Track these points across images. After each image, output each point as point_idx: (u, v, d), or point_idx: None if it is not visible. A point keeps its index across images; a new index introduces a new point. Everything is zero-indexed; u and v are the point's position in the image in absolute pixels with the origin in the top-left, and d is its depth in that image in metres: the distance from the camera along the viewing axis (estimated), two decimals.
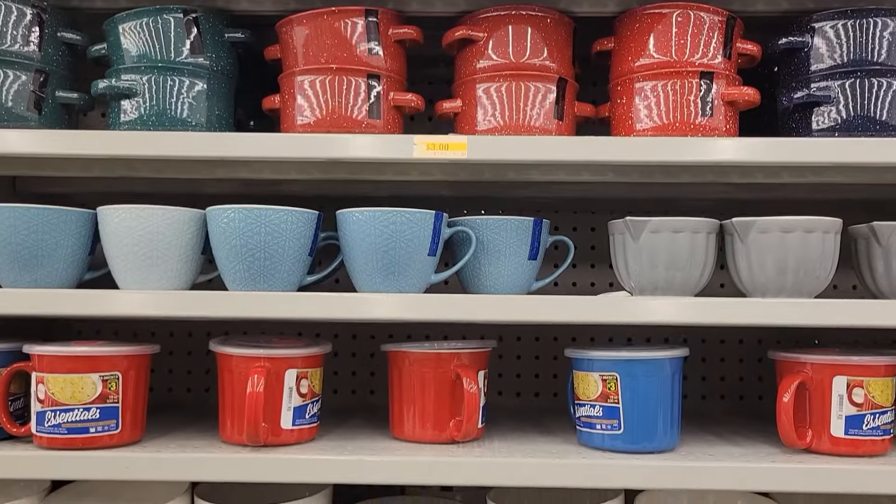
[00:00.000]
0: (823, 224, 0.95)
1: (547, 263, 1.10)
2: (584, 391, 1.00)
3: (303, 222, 0.96)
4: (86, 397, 0.94)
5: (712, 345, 1.36)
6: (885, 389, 0.97)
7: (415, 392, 1.01)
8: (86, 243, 1.00)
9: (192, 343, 1.37)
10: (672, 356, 0.97)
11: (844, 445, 0.96)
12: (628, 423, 0.96)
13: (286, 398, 0.98)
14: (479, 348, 1.02)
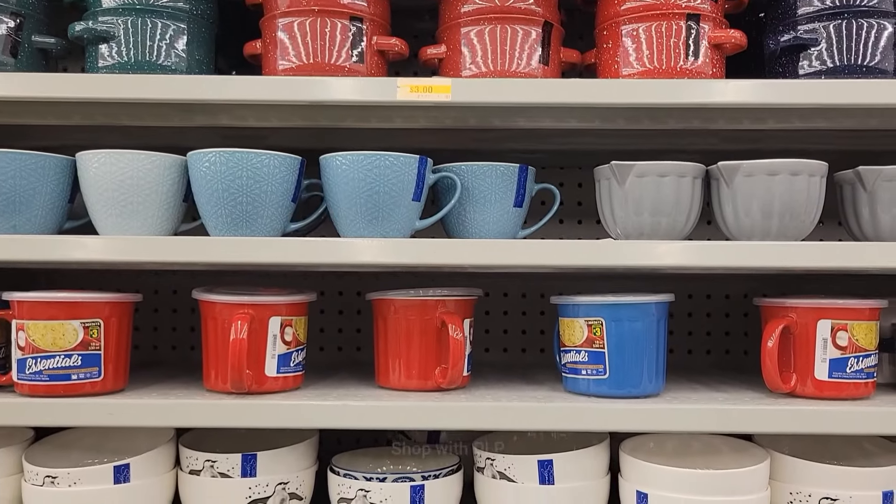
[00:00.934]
0: (809, 167, 0.94)
1: (534, 217, 1.09)
2: (569, 337, 1.00)
3: (285, 167, 0.95)
4: (67, 344, 0.93)
5: (698, 299, 1.37)
6: (868, 333, 0.97)
7: (400, 340, 1.00)
8: (65, 190, 0.99)
9: (177, 300, 1.36)
10: (657, 301, 0.97)
11: (828, 389, 0.96)
12: (613, 367, 0.96)
13: (270, 345, 0.98)
14: (464, 296, 1.02)
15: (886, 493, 0.94)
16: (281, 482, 0.99)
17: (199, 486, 0.98)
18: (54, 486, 0.93)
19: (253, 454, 0.98)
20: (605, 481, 1.00)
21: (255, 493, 0.97)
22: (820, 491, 0.94)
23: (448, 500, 1.00)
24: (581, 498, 0.97)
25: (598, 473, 0.99)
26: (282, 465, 0.99)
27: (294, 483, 1.00)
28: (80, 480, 0.93)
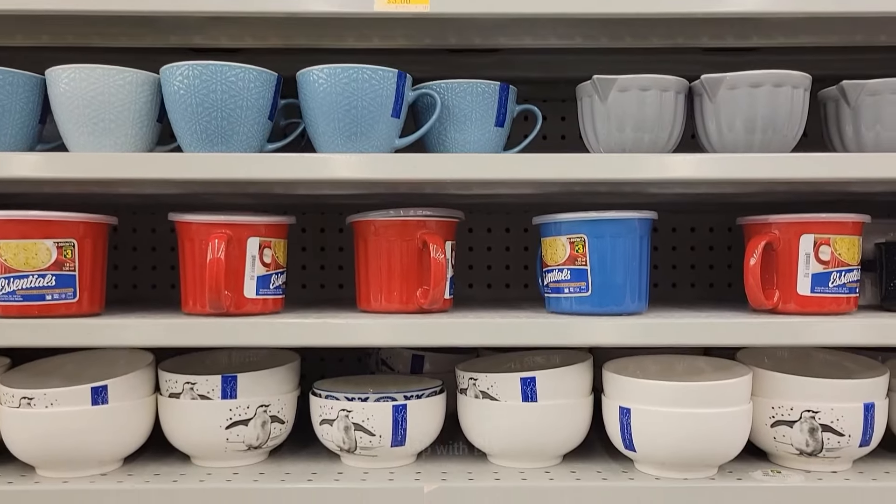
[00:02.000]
0: (792, 78, 0.93)
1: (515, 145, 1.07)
2: (551, 256, 0.99)
3: (261, 81, 0.93)
4: (40, 263, 0.91)
5: (682, 233, 1.36)
6: (851, 248, 0.97)
7: (381, 262, 0.99)
8: (35, 110, 0.97)
9: (156, 239, 1.34)
10: (640, 217, 0.96)
11: (811, 304, 0.96)
12: (596, 284, 0.96)
13: (249, 267, 0.96)
14: (446, 217, 1.00)
15: (867, 405, 0.94)
16: (262, 404, 0.98)
17: (180, 409, 0.97)
18: (31, 408, 0.92)
19: (233, 375, 0.97)
20: (588, 401, 1.00)
21: (236, 414, 0.96)
22: (802, 404, 0.95)
23: (431, 421, 0.99)
24: (564, 415, 0.97)
25: (581, 392, 0.99)
26: (262, 387, 0.98)
27: (275, 406, 0.99)
28: (57, 401, 0.92)
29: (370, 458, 0.98)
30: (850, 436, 0.94)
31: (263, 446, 1.00)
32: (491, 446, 1.00)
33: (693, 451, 0.92)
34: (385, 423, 0.96)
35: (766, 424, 0.97)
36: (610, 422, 0.97)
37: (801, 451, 0.96)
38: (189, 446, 0.99)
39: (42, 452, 0.93)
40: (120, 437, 0.95)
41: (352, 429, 0.96)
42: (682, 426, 0.91)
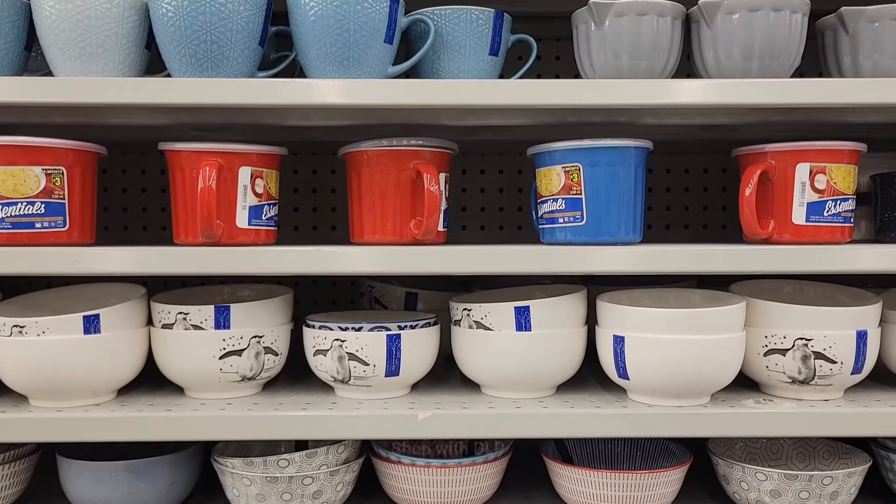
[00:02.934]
0: (791, 3, 0.92)
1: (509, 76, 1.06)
2: (546, 187, 0.98)
3: (251, 4, 0.91)
4: (29, 190, 0.90)
5: (676, 174, 1.36)
6: (846, 176, 0.96)
7: (374, 193, 0.98)
8: (20, 35, 0.95)
9: (147, 179, 1.33)
10: (636, 145, 0.95)
11: (805, 233, 0.96)
12: (591, 214, 0.95)
13: (241, 196, 0.95)
14: (440, 147, 0.99)
15: (860, 333, 0.95)
16: (255, 335, 0.98)
17: (173, 340, 0.97)
18: (23, 336, 0.91)
19: (226, 305, 0.96)
20: (582, 332, 1.00)
21: (230, 345, 0.96)
22: (795, 332, 0.95)
23: (425, 352, 0.99)
24: (558, 345, 0.97)
25: (575, 322, 0.99)
26: (255, 318, 0.98)
27: (269, 338, 0.99)
28: (48, 330, 0.91)
29: (364, 388, 0.98)
30: (842, 363, 0.94)
31: (257, 378, 0.99)
32: (485, 377, 1.00)
33: (686, 378, 0.92)
34: (379, 353, 0.96)
35: (759, 354, 0.97)
36: (604, 352, 0.98)
37: (793, 379, 0.96)
38: (183, 377, 0.99)
39: (34, 381, 0.92)
40: (113, 368, 0.95)
41: (346, 359, 0.96)
42: (675, 353, 0.91)
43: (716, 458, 1.01)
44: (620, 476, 0.94)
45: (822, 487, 0.94)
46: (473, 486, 0.98)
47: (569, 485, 0.98)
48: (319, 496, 0.95)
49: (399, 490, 0.99)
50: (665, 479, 0.96)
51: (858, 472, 0.95)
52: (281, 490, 0.93)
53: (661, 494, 0.96)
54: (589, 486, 0.96)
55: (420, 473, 0.97)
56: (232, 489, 0.96)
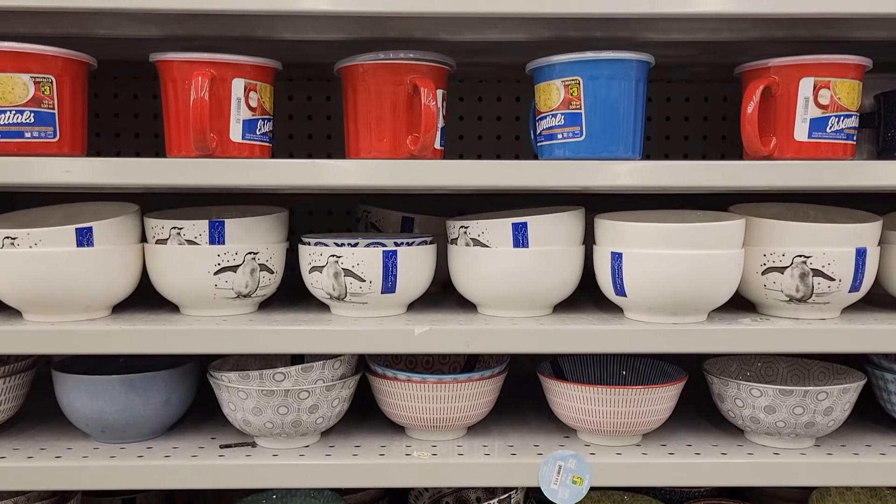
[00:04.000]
0: None
1: None
2: (545, 102, 0.96)
3: None
4: (17, 99, 0.88)
5: (676, 103, 1.34)
6: (851, 92, 0.95)
7: (370, 108, 0.96)
8: None
9: (138, 86, 1.31)
10: (637, 59, 0.93)
11: (808, 150, 0.95)
12: (590, 129, 0.93)
13: (234, 109, 0.93)
14: (437, 62, 0.97)
15: (860, 250, 0.94)
16: (250, 251, 0.97)
17: (167, 255, 0.96)
18: (15, 248, 0.90)
19: (220, 220, 0.95)
20: (580, 250, 0.99)
21: (224, 260, 0.95)
22: (794, 250, 0.94)
23: (421, 270, 0.99)
24: (555, 262, 0.96)
25: (572, 240, 0.98)
26: (250, 235, 0.97)
27: (264, 255, 0.98)
28: (41, 241, 0.90)
29: (360, 306, 0.98)
30: (840, 280, 0.94)
31: (253, 295, 0.99)
32: (482, 296, 1.00)
33: (683, 295, 0.92)
34: (375, 269, 0.95)
35: (757, 273, 0.97)
36: (601, 270, 0.97)
37: (790, 297, 0.96)
38: (177, 294, 0.98)
39: (27, 294, 0.92)
40: (106, 282, 0.94)
41: (342, 275, 0.96)
42: (672, 268, 0.91)
43: (711, 376, 1.01)
44: (616, 392, 0.95)
45: (816, 403, 0.94)
46: (469, 404, 0.99)
47: (564, 402, 0.99)
48: (315, 410, 0.95)
49: (395, 407, 1.00)
50: (660, 395, 0.96)
51: (853, 389, 0.96)
52: (277, 404, 0.93)
53: (655, 411, 0.97)
54: (584, 403, 0.96)
55: (416, 389, 0.97)
56: (228, 404, 0.96)
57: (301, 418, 0.95)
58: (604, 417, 0.96)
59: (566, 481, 0.95)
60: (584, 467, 0.95)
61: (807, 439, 0.99)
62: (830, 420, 0.96)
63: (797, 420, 0.95)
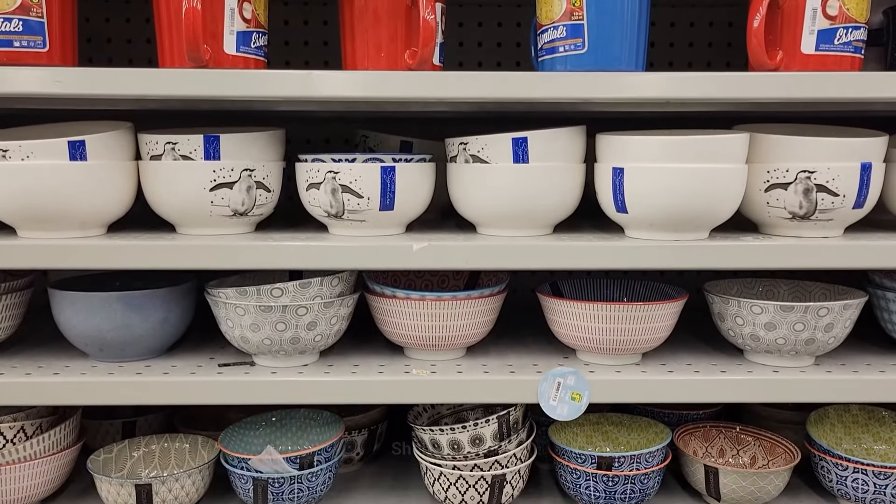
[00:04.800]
0: None
1: None
2: (546, 14, 0.94)
3: None
4: (5, 6, 0.86)
5: (681, 28, 1.31)
6: (860, 2, 0.92)
7: (367, 20, 0.93)
8: None
9: (132, 29, 1.28)
10: None
11: (814, 62, 0.93)
12: (592, 40, 0.91)
13: (228, 20, 0.91)
14: None
15: (864, 165, 0.93)
16: (246, 168, 0.95)
17: (162, 171, 0.94)
18: (6, 161, 0.89)
19: (215, 135, 0.94)
20: (580, 168, 0.98)
21: (220, 176, 0.94)
22: (798, 165, 0.93)
23: (420, 188, 0.97)
24: (555, 178, 0.95)
25: (573, 157, 0.96)
26: (246, 151, 0.96)
27: (260, 172, 0.97)
28: (33, 154, 0.89)
29: (358, 224, 0.96)
30: (844, 196, 0.93)
31: (249, 214, 0.98)
32: (481, 214, 0.98)
33: (685, 210, 0.91)
34: (373, 185, 0.94)
35: (760, 190, 0.96)
36: (602, 187, 0.96)
37: (793, 214, 0.95)
38: (173, 212, 0.97)
39: (20, 209, 0.91)
40: (100, 198, 0.93)
41: (339, 191, 0.94)
42: (675, 182, 0.89)
43: (711, 296, 1.01)
44: (616, 308, 0.94)
45: (817, 319, 0.94)
46: (468, 322, 0.98)
47: (564, 320, 0.98)
48: (314, 328, 0.95)
49: (394, 326, 0.99)
50: (660, 312, 0.96)
51: (854, 306, 0.95)
52: (275, 320, 0.93)
53: (655, 328, 0.96)
54: (584, 320, 0.96)
55: (415, 307, 0.96)
56: (226, 321, 0.96)
57: (299, 335, 0.94)
58: (603, 335, 0.96)
59: (565, 398, 0.95)
60: (584, 384, 0.95)
61: (806, 357, 0.99)
62: (831, 337, 0.96)
63: (797, 337, 0.95)
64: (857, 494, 0.99)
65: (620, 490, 0.97)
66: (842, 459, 0.99)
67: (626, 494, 0.98)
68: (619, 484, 0.97)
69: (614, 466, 0.97)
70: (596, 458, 0.98)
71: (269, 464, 0.96)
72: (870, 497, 0.99)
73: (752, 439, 1.11)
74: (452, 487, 0.98)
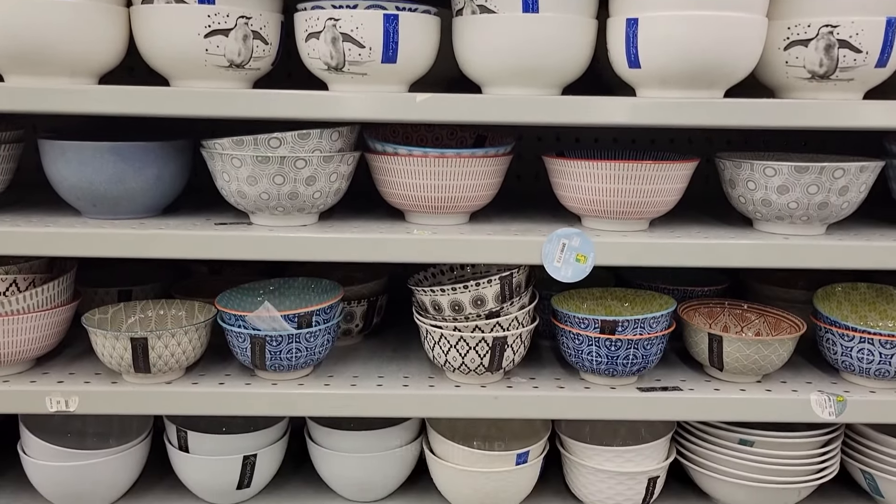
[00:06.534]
0: None
1: None
2: None
3: None
4: None
5: None
6: None
7: None
8: None
9: None
10: None
11: None
12: None
13: None
14: None
15: (890, 20, 0.88)
16: (243, 15, 0.91)
17: (155, 16, 0.90)
18: None
19: None
20: (592, 23, 0.93)
21: (215, 22, 0.89)
22: (820, 19, 0.89)
23: (424, 42, 0.93)
24: (566, 31, 0.90)
25: (584, 10, 0.92)
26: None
27: (257, 21, 0.92)
28: None
29: (360, 77, 0.92)
30: (867, 53, 0.89)
31: (246, 66, 0.94)
32: (487, 71, 0.94)
33: (701, 61, 0.86)
34: (375, 34, 0.89)
35: (780, 49, 0.92)
36: (614, 43, 0.92)
37: (813, 74, 0.91)
38: (167, 61, 0.92)
39: (6, 48, 0.86)
40: (89, 42, 0.89)
41: (339, 40, 0.90)
42: (691, 30, 0.85)
43: (723, 161, 0.98)
44: (625, 167, 0.91)
45: (832, 181, 0.91)
46: (472, 183, 0.95)
47: (571, 182, 0.95)
48: (313, 183, 0.92)
49: (395, 187, 0.96)
50: (670, 173, 0.93)
51: (870, 169, 0.92)
52: (273, 172, 0.90)
53: (664, 191, 0.94)
54: (592, 181, 0.93)
55: (418, 165, 0.93)
56: (222, 174, 0.93)
57: (298, 190, 0.92)
58: (611, 197, 0.93)
59: (570, 259, 0.93)
60: (589, 245, 0.93)
61: (818, 224, 0.96)
62: (844, 202, 0.93)
63: (810, 200, 0.92)
64: (862, 366, 0.98)
65: (623, 356, 0.96)
66: (848, 329, 0.98)
67: (628, 360, 0.97)
68: (622, 349, 0.96)
69: (617, 331, 0.96)
70: (599, 323, 0.96)
71: (268, 321, 0.94)
72: (874, 368, 0.98)
73: (757, 317, 1.09)
74: (453, 350, 0.97)
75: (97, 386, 0.97)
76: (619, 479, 1.02)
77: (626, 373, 0.98)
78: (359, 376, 1.03)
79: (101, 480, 1.01)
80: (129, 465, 1.04)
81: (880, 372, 0.98)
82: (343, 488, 1.08)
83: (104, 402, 0.96)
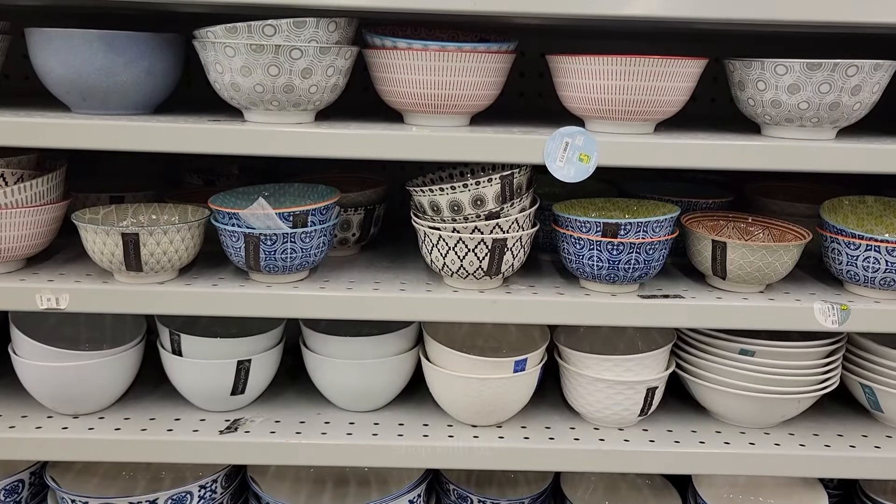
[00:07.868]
0: None
1: None
2: None
3: None
4: None
5: None
6: None
7: None
8: None
9: None
10: None
11: None
12: None
13: None
14: None
15: None
16: None
17: None
18: None
19: None
20: None
21: None
22: None
23: None
24: None
25: None
26: None
27: None
28: None
29: None
30: None
31: None
32: None
33: None
34: None
35: None
36: None
37: None
38: None
39: None
40: None
41: None
42: None
43: (732, 63, 0.95)
44: (633, 62, 0.88)
45: (844, 80, 0.88)
46: (473, 80, 0.92)
47: (576, 81, 0.92)
48: (309, 76, 0.89)
49: (394, 84, 0.93)
50: (679, 70, 0.90)
51: (885, 68, 0.89)
52: (267, 62, 0.87)
53: (672, 89, 0.91)
54: (598, 78, 0.90)
55: (417, 59, 0.90)
56: (215, 66, 0.89)
57: (293, 83, 0.89)
58: (617, 95, 0.90)
59: (573, 158, 0.91)
60: (592, 145, 0.90)
61: (828, 128, 0.94)
62: (857, 102, 0.90)
63: (822, 100, 0.89)
64: (868, 275, 0.97)
65: (625, 260, 0.94)
66: (854, 237, 0.96)
67: (629, 265, 0.95)
68: (624, 253, 0.94)
69: (619, 234, 0.94)
70: (601, 226, 0.94)
71: (262, 218, 0.92)
72: (880, 276, 0.96)
73: (762, 229, 1.07)
74: (451, 252, 0.95)
75: (88, 284, 0.95)
76: (618, 388, 1.01)
77: (627, 279, 0.96)
78: (355, 282, 1.01)
79: (93, 383, 1.00)
80: (121, 370, 1.02)
81: (886, 281, 0.96)
82: (339, 397, 1.07)
83: (95, 300, 0.94)
